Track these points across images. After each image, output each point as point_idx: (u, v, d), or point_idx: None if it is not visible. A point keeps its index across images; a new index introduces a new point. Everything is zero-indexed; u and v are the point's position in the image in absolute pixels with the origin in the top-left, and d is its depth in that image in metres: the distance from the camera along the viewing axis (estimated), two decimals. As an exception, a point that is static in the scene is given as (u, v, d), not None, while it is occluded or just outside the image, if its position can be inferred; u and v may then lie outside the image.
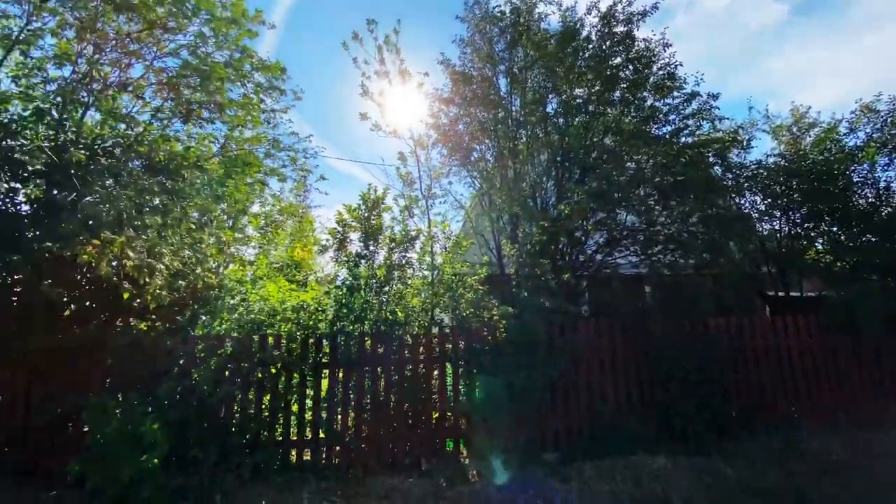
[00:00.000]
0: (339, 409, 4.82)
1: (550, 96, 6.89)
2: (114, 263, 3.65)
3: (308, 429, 4.70)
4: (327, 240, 5.24)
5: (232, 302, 5.84)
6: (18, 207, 4.94)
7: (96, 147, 5.12)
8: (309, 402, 4.79)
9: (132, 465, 3.63)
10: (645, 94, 7.37)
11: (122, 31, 5.45)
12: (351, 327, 5.06)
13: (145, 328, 5.00)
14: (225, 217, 6.21)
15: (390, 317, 5.09)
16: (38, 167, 4.06)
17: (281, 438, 4.64)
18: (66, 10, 5.18)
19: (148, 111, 5.36)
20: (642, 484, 4.19)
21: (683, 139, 7.47)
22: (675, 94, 7.34)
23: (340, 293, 5.03)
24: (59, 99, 5.31)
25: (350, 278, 5.03)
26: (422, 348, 4.99)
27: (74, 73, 5.41)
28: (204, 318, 4.85)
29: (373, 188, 5.26)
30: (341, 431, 4.76)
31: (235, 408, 4.63)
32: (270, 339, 4.82)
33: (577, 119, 6.75)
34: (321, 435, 4.73)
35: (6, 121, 5.04)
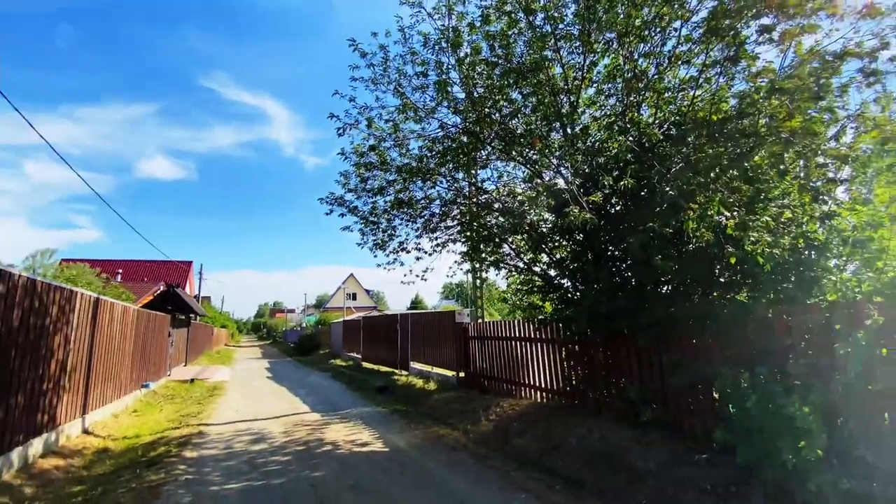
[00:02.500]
0: None
1: None
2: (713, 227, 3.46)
3: None
4: None
5: (835, 262, 4.35)
6: (611, 209, 6.01)
7: (654, 131, 5.45)
8: None
9: (790, 451, 3.14)
10: None
11: (647, 21, 5.69)
12: None
13: (744, 300, 4.57)
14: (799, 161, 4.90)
15: None
16: (630, 159, 4.63)
17: None
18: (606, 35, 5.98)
19: (694, 68, 5.15)
20: None
21: None
22: None
23: None
24: (619, 109, 6.22)
25: None
26: None
27: (622, 82, 6.17)
28: (833, 279, 3.74)
29: None
30: None
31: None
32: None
33: None
34: None
35: (591, 142, 6.36)
